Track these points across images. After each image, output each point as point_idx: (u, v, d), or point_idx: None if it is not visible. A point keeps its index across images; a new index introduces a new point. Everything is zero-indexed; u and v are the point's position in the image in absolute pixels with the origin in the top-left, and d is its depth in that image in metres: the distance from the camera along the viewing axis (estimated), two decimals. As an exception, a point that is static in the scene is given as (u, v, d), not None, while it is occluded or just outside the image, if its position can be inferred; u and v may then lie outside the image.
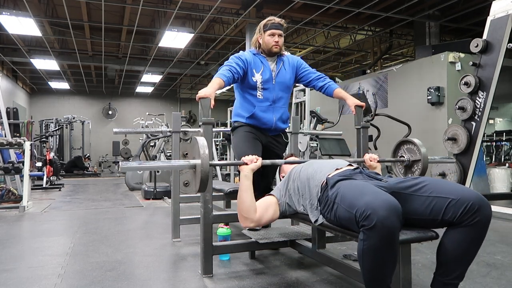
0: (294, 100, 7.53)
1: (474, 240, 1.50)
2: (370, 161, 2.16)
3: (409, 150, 2.33)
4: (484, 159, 6.21)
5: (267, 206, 1.95)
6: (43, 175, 7.26)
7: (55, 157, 9.28)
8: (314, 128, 6.14)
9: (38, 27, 8.11)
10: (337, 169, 1.82)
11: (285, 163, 2.20)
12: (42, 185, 7.45)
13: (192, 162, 1.79)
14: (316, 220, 1.76)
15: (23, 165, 4.97)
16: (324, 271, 2.33)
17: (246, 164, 1.93)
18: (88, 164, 12.92)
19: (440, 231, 1.57)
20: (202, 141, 1.77)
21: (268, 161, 2.06)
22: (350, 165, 1.90)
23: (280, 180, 2.22)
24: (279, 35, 2.53)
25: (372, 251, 1.38)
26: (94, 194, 6.76)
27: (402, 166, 2.38)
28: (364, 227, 1.38)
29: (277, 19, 2.54)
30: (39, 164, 7.45)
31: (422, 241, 1.54)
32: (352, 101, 2.52)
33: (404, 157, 2.33)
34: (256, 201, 1.99)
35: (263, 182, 2.62)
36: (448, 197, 1.49)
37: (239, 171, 2.03)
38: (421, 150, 2.23)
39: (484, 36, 4.41)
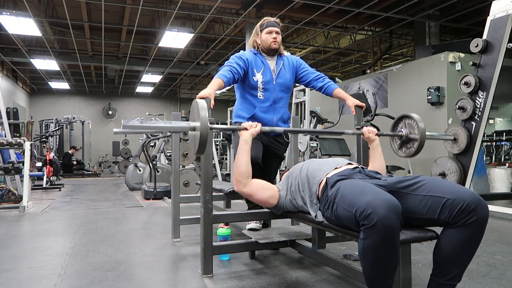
0: (294, 100, 7.53)
1: (470, 241, 1.49)
2: (369, 133, 2.21)
3: (408, 125, 2.35)
4: (484, 159, 6.21)
5: (266, 187, 2.04)
6: (43, 175, 7.28)
7: (55, 157, 9.28)
8: (314, 128, 6.15)
9: (38, 27, 8.11)
10: (336, 168, 1.83)
11: (285, 131, 2.27)
12: (42, 185, 7.45)
13: (192, 124, 1.84)
14: (316, 216, 1.78)
15: (23, 165, 4.97)
16: (324, 271, 2.33)
17: (246, 129, 2.02)
18: (77, 159, 12.34)
19: (439, 231, 1.57)
20: (201, 103, 1.82)
21: (267, 128, 2.15)
22: (349, 163, 1.91)
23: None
24: (276, 32, 2.57)
25: (372, 250, 1.38)
26: (94, 194, 6.76)
27: (400, 141, 2.40)
28: (365, 226, 1.38)
29: (272, 18, 2.61)
30: (39, 164, 7.46)
31: (422, 241, 1.54)
32: (352, 101, 2.52)
33: (402, 131, 2.35)
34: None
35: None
36: (444, 197, 1.49)
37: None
38: (419, 125, 2.25)
39: (484, 36, 4.41)
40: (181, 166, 5.96)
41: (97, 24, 8.74)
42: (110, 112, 17.30)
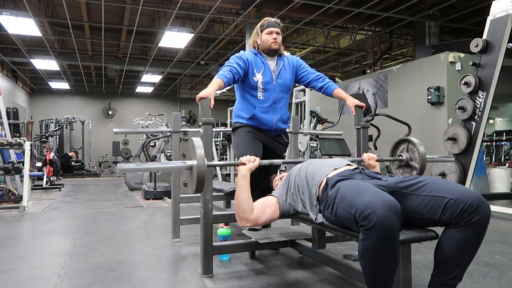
0: (294, 100, 7.53)
1: (472, 240, 1.49)
2: (369, 160, 2.17)
3: (407, 149, 2.33)
4: (484, 159, 6.21)
5: (265, 206, 1.95)
6: (43, 175, 7.27)
7: (55, 157, 9.27)
8: (314, 128, 6.15)
9: (38, 27, 8.11)
10: (335, 168, 1.83)
11: (283, 163, 2.21)
12: (42, 185, 7.45)
13: (188, 163, 1.79)
14: (316, 218, 1.77)
15: (23, 165, 4.97)
16: (324, 271, 2.33)
17: (244, 164, 1.94)
18: (77, 159, 12.22)
19: (440, 231, 1.57)
20: (197, 142, 1.77)
21: (266, 161, 2.07)
22: (349, 164, 1.91)
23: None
24: (277, 33, 2.57)
25: (372, 251, 1.38)
26: (94, 194, 6.76)
27: (400, 165, 2.38)
28: (364, 227, 1.38)
29: (272, 19, 2.60)
30: (39, 164, 7.46)
31: (422, 241, 1.54)
32: (352, 101, 2.52)
33: (402, 156, 2.33)
34: (256, 200, 2.00)
35: (264, 183, 2.62)
36: (446, 197, 1.49)
37: None
38: (419, 149, 2.23)
39: (484, 36, 4.41)
40: (181, 166, 5.95)
41: (97, 24, 8.74)
42: (110, 112, 17.30)
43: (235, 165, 1.99)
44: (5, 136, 5.83)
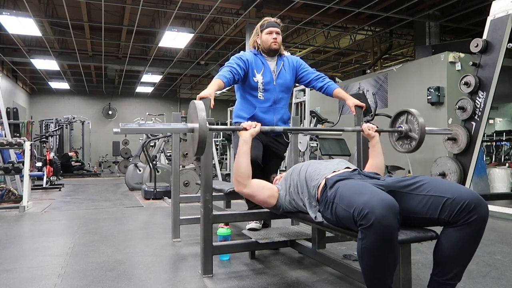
0: (294, 100, 7.53)
1: (471, 240, 1.49)
2: (368, 130, 2.20)
3: (407, 120, 2.34)
4: (484, 159, 6.21)
5: (266, 187, 2.03)
6: (43, 175, 7.27)
7: (55, 157, 9.27)
8: (314, 128, 6.14)
9: (38, 27, 8.11)
10: (334, 171, 1.84)
11: (284, 130, 2.29)
12: (42, 185, 7.45)
13: (190, 125, 1.80)
14: (316, 217, 1.78)
15: (23, 165, 4.97)
16: (324, 271, 2.33)
17: (246, 129, 1.99)
18: (77, 159, 12.22)
19: (439, 231, 1.57)
20: (199, 104, 1.77)
21: (267, 128, 2.12)
22: (348, 167, 1.91)
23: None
24: (277, 33, 2.57)
25: (370, 250, 1.38)
26: (94, 194, 6.76)
27: (400, 137, 2.38)
28: (362, 226, 1.38)
29: (272, 19, 2.62)
30: (39, 164, 7.46)
31: (422, 241, 1.54)
32: (352, 101, 2.53)
33: (401, 127, 2.34)
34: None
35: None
36: (445, 196, 1.49)
37: None
38: (419, 120, 2.23)
39: (484, 36, 4.41)
40: (181, 166, 5.96)
41: (97, 24, 8.75)
42: (110, 112, 17.30)
43: (237, 130, 2.04)
44: (5, 136, 5.83)
